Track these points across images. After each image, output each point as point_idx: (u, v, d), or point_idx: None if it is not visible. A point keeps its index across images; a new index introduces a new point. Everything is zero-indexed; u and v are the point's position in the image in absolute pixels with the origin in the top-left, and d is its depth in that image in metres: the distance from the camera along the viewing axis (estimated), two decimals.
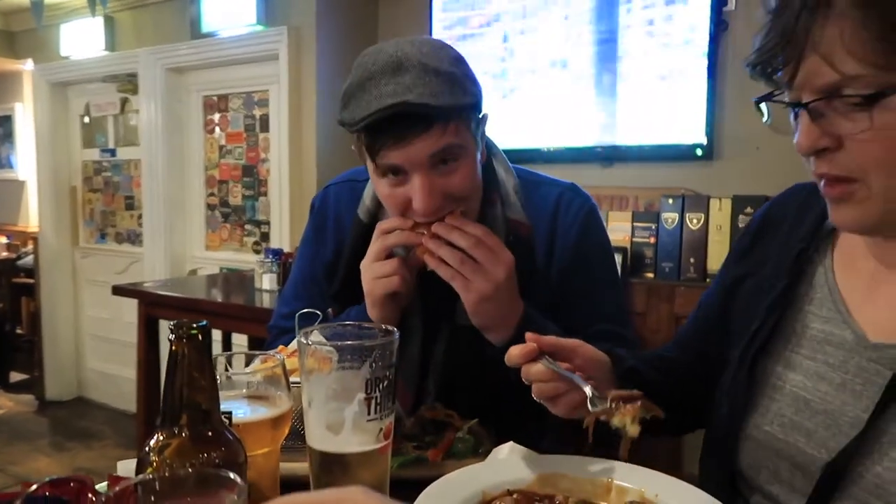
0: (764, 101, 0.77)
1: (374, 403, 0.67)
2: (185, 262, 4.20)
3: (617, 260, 2.21)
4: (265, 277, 2.81)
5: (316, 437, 0.69)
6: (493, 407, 1.08)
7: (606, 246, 1.24)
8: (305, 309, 1.20)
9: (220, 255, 4.08)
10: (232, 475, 0.48)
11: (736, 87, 2.58)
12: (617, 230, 2.66)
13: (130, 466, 0.77)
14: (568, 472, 0.85)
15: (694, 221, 2.58)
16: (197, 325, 0.58)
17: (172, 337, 0.57)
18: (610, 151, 2.83)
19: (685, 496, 0.77)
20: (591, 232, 1.19)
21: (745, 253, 0.98)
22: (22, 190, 5.15)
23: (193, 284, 3.50)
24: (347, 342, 0.71)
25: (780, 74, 0.73)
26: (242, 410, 0.74)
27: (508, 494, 0.82)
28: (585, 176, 2.70)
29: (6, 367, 5.07)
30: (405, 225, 1.05)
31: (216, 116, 4.02)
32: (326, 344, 0.70)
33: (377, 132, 0.99)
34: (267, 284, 2.81)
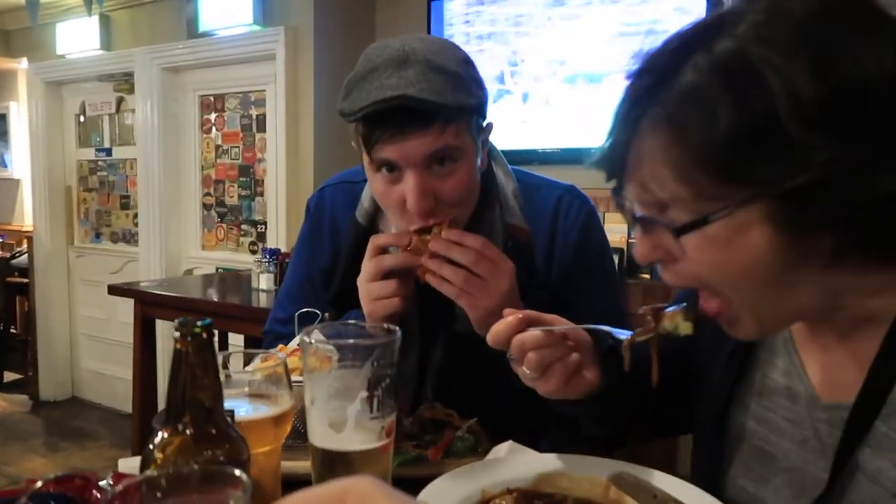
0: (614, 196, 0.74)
1: (376, 402, 0.68)
2: (180, 261, 4.19)
3: (614, 261, 2.22)
4: (262, 277, 2.81)
5: (318, 435, 0.69)
6: (490, 409, 1.08)
7: (606, 248, 1.24)
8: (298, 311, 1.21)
9: (215, 254, 4.07)
10: (237, 472, 0.48)
11: None
12: (614, 231, 2.66)
13: (132, 464, 0.77)
14: (567, 470, 0.85)
15: None
16: (201, 323, 0.58)
17: (177, 335, 0.58)
18: None
19: (685, 494, 0.78)
20: (590, 234, 1.19)
21: None
22: (16, 189, 5.13)
23: (190, 284, 3.49)
24: (349, 341, 0.71)
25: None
26: (244, 409, 0.74)
27: (508, 493, 0.82)
28: (582, 177, 2.70)
29: (0, 366, 5.05)
30: (401, 242, 1.03)
31: (212, 116, 4.01)
32: (328, 342, 0.71)
33: (375, 124, 0.97)
34: (264, 284, 2.81)
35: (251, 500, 0.45)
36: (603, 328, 0.85)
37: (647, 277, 2.65)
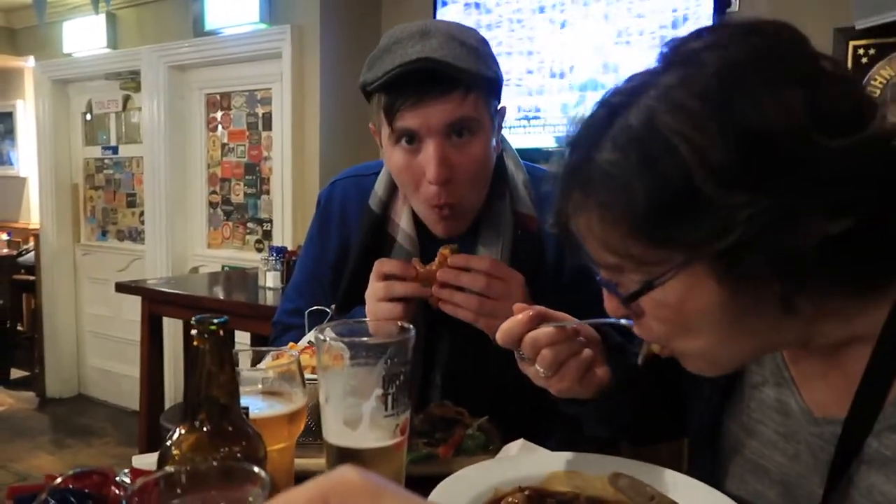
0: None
1: (390, 399, 0.68)
2: (186, 259, 4.20)
3: None
4: (269, 275, 2.82)
5: (333, 432, 0.70)
6: (497, 407, 1.09)
7: None
8: (307, 304, 1.22)
9: (221, 253, 4.08)
10: (256, 469, 0.48)
11: None
12: None
13: (146, 461, 0.78)
14: (578, 469, 0.85)
15: None
16: (218, 320, 0.59)
17: (195, 332, 0.58)
18: None
19: (696, 493, 0.78)
20: None
21: None
22: (23, 187, 5.15)
23: (196, 282, 3.50)
24: (364, 339, 0.71)
25: None
26: (258, 406, 0.74)
27: (520, 491, 0.82)
28: None
29: (7, 364, 5.08)
30: (408, 273, 1.03)
31: (219, 114, 4.02)
32: (342, 340, 0.71)
33: (398, 91, 0.99)
34: (271, 282, 2.81)
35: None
36: (611, 321, 0.84)
37: None
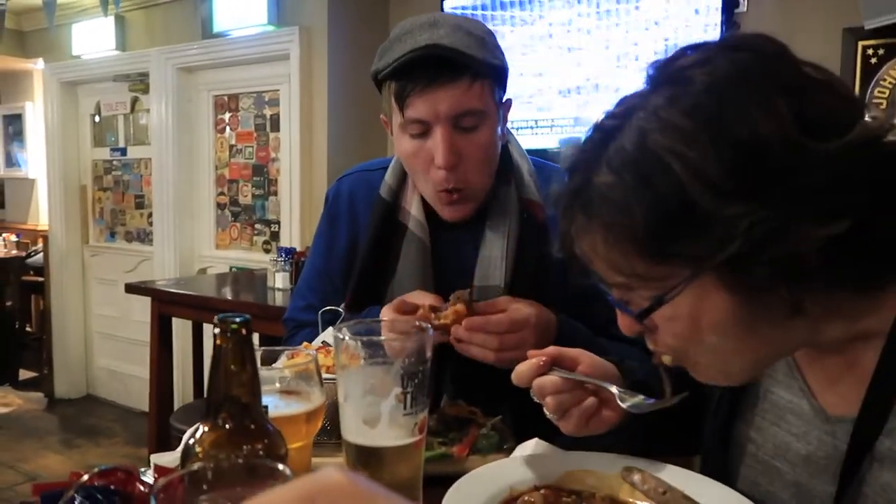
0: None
1: (409, 398, 0.68)
2: (194, 260, 4.21)
3: None
4: (278, 276, 2.83)
5: (352, 430, 0.70)
6: (513, 407, 1.09)
7: None
8: (319, 300, 1.25)
9: (229, 253, 4.09)
10: (280, 466, 0.48)
11: None
12: None
13: (165, 459, 0.78)
14: (594, 468, 0.86)
15: None
16: (240, 319, 0.59)
17: (217, 331, 0.58)
18: None
19: (708, 489, 0.78)
20: None
21: None
22: (32, 188, 5.17)
23: (205, 283, 3.51)
24: (382, 338, 0.72)
25: None
26: (276, 405, 0.75)
27: (536, 490, 0.83)
28: None
29: (15, 364, 5.10)
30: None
31: (226, 116, 4.03)
32: (360, 339, 0.71)
33: (408, 76, 1.04)
34: (280, 283, 2.82)
35: None
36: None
37: None
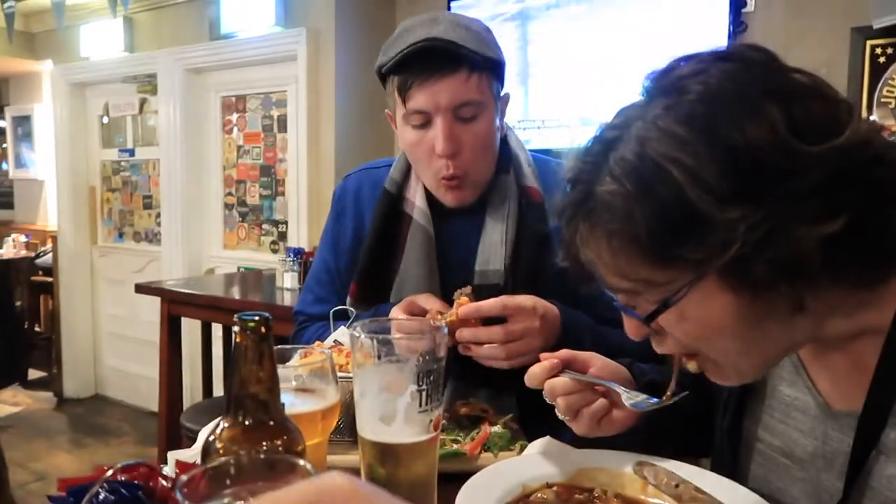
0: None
1: (424, 395, 0.69)
2: (202, 261, 4.23)
3: None
4: (286, 276, 2.84)
5: (369, 428, 0.71)
6: (524, 405, 1.10)
7: None
8: (327, 293, 1.29)
9: (237, 254, 4.11)
10: (302, 462, 0.49)
11: None
12: None
13: (181, 456, 0.79)
14: (605, 465, 0.86)
15: None
16: (259, 317, 0.60)
17: (237, 329, 0.59)
18: None
19: (719, 484, 0.79)
20: None
21: None
22: (41, 189, 5.21)
23: (214, 283, 3.53)
24: (397, 335, 0.72)
25: None
26: (292, 403, 0.75)
27: (548, 487, 0.83)
28: None
29: (25, 364, 5.12)
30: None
31: (234, 117, 4.05)
32: (376, 337, 0.72)
33: (409, 69, 1.09)
34: (288, 283, 2.83)
35: None
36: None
37: None
